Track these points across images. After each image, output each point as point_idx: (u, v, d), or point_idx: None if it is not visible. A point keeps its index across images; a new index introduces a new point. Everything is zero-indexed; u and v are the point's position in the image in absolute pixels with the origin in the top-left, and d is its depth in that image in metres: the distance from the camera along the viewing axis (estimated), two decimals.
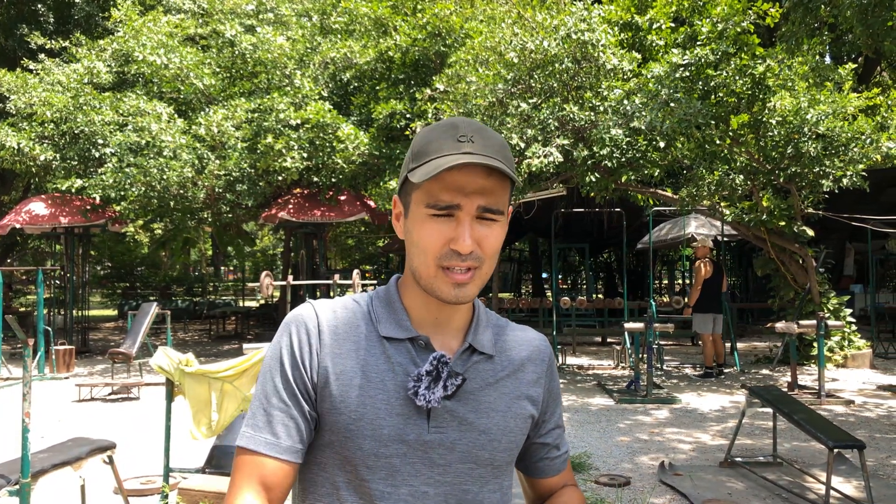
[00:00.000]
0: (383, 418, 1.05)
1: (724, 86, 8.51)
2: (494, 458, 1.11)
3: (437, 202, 1.04)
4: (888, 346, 12.55)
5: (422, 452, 1.06)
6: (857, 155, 8.82)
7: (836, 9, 7.72)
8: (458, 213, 1.04)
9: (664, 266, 27.72)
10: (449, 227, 1.05)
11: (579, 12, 8.87)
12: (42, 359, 10.54)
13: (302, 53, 12.45)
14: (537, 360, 1.20)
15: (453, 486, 1.07)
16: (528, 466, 1.25)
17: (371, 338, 1.10)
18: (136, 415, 7.74)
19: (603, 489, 4.80)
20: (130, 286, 24.90)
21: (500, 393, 1.13)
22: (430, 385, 1.06)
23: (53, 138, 12.00)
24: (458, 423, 1.08)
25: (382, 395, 1.06)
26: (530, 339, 1.22)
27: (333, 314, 1.12)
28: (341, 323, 1.11)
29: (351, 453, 1.06)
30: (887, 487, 4.82)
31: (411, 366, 1.08)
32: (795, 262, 10.48)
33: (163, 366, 4.09)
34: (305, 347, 1.09)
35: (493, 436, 1.10)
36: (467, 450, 1.08)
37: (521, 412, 1.15)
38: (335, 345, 1.09)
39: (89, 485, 4.26)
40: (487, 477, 1.10)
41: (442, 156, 1.03)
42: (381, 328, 1.11)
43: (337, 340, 1.09)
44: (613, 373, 10.42)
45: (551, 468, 1.25)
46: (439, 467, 1.07)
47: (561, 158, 8.53)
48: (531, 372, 1.19)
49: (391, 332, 1.10)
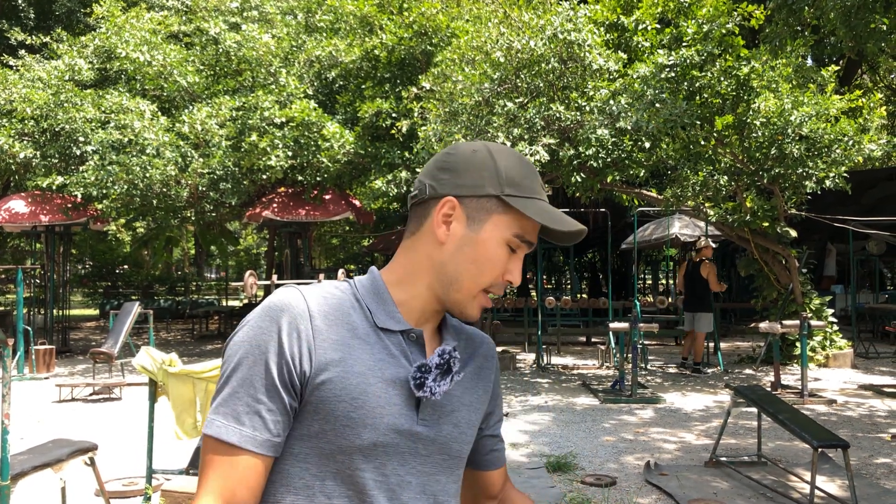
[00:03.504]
0: (383, 407, 1.05)
1: (709, 87, 8.56)
2: (462, 451, 1.16)
3: (523, 238, 1.12)
4: (869, 345, 12.69)
5: (411, 443, 1.08)
6: (839, 157, 8.90)
7: (820, 10, 7.78)
8: (519, 251, 1.14)
9: (648, 266, 27.86)
10: (508, 259, 1.13)
11: (565, 12, 8.88)
12: (21, 359, 10.39)
13: (287, 51, 12.39)
14: (488, 355, 1.26)
15: (429, 476, 1.11)
16: (480, 460, 1.29)
17: (365, 327, 1.09)
18: (118, 415, 7.65)
19: (589, 489, 4.80)
20: (112, 285, 24.68)
21: (465, 388, 1.18)
22: (438, 378, 1.08)
23: (34, 135, 11.85)
24: (439, 416, 1.11)
25: (381, 384, 1.06)
26: (480, 335, 1.28)
27: (323, 300, 1.09)
28: (332, 310, 1.08)
29: (348, 442, 1.04)
30: (870, 486, 4.86)
31: (403, 358, 1.09)
32: (778, 263, 10.56)
33: (146, 366, 4.04)
34: (294, 334, 1.04)
35: (463, 429, 1.15)
36: (445, 442, 1.12)
37: (480, 406, 1.21)
38: (329, 332, 1.06)
39: (70, 487, 4.20)
40: (453, 468, 1.15)
41: (540, 199, 1.13)
42: (376, 318, 1.10)
43: (330, 327, 1.06)
44: (598, 372, 10.44)
45: (499, 459, 1.31)
46: (422, 458, 1.10)
47: (547, 157, 8.54)
48: (485, 367, 1.24)
49: (386, 324, 1.10)
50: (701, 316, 10.27)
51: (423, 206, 1.13)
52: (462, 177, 1.11)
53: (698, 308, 10.32)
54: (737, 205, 10.21)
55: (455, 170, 1.12)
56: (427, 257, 1.12)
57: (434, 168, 1.14)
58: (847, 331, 12.70)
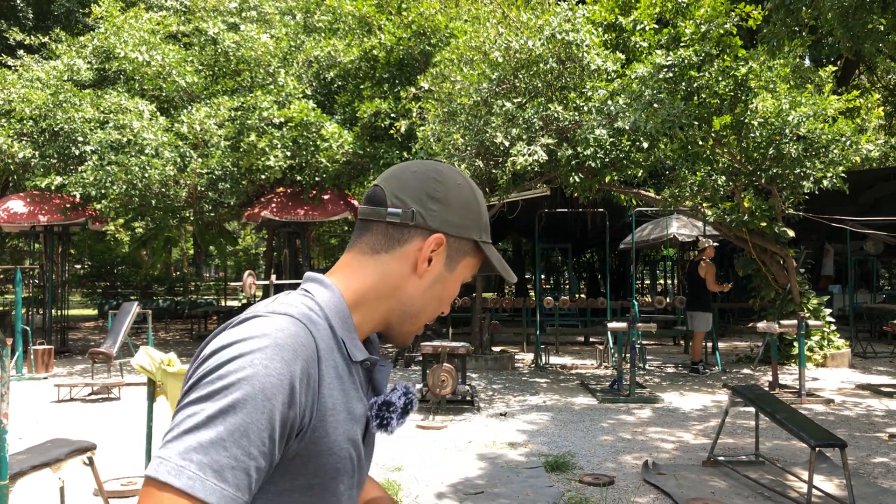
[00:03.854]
0: (358, 449, 1.00)
1: (707, 87, 8.57)
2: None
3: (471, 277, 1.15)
4: (866, 345, 12.71)
5: (359, 478, 1.04)
6: (836, 157, 8.92)
7: (818, 11, 7.80)
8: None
9: (646, 266, 27.87)
10: None
11: (563, 13, 8.89)
12: (20, 359, 10.39)
13: (285, 52, 12.39)
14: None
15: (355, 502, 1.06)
16: None
17: (342, 362, 0.99)
18: (116, 415, 7.65)
19: (587, 488, 4.81)
20: (111, 285, 24.66)
21: None
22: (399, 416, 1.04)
23: (32, 135, 11.85)
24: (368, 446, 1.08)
25: (357, 427, 0.99)
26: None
27: (317, 332, 0.96)
28: (325, 346, 0.97)
29: (331, 494, 0.97)
30: (868, 486, 4.88)
31: (362, 390, 1.03)
32: (776, 263, 10.58)
33: (144, 366, 4.05)
34: (305, 382, 0.91)
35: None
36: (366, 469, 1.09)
37: None
38: (327, 373, 0.95)
39: (69, 487, 4.21)
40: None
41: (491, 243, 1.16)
42: (351, 352, 1.00)
43: (327, 369, 0.95)
44: (596, 372, 10.46)
45: None
46: (359, 487, 1.06)
47: (545, 157, 8.55)
48: None
49: (356, 356, 1.01)
50: (697, 315, 10.33)
51: (401, 229, 1.06)
52: (451, 213, 1.07)
53: (695, 307, 10.39)
54: (734, 205, 10.22)
55: (446, 203, 1.07)
56: (395, 287, 1.06)
57: (423, 195, 1.06)
58: (845, 331, 12.72)
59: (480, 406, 7.81)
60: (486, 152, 8.94)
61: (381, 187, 1.08)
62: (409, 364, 10.89)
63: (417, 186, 1.07)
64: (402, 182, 1.08)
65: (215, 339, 0.92)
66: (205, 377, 0.87)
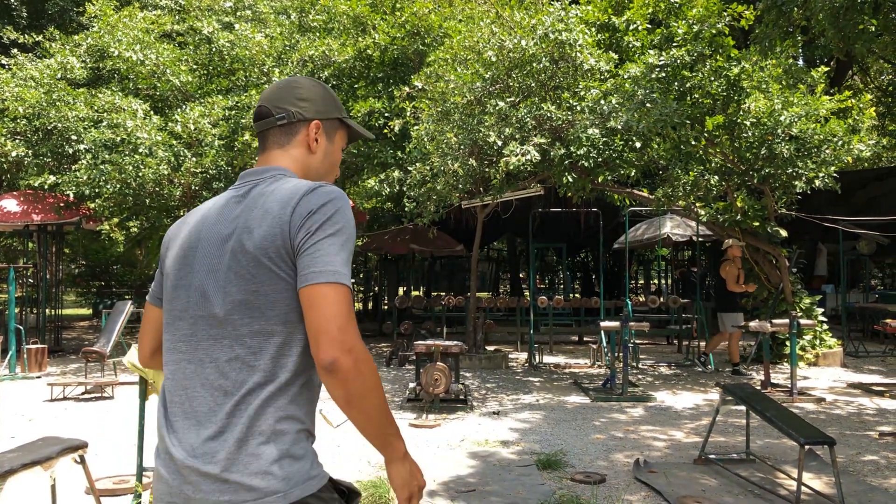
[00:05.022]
0: None
1: (700, 87, 8.60)
2: None
3: (347, 144, 1.73)
4: (858, 344, 12.76)
5: None
6: (829, 157, 8.96)
7: (809, 11, 7.84)
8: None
9: (640, 266, 27.94)
10: None
11: (557, 12, 8.91)
12: (13, 358, 10.38)
13: (280, 51, 12.38)
14: None
15: None
16: None
17: None
18: (109, 414, 7.65)
19: (578, 486, 4.84)
20: (105, 285, 24.58)
21: None
22: None
23: (26, 134, 11.81)
24: None
25: None
26: None
27: None
28: None
29: None
30: (857, 483, 4.91)
31: None
32: (769, 262, 10.62)
33: (136, 363, 4.05)
34: None
35: None
36: None
37: None
38: None
39: (60, 485, 4.21)
40: None
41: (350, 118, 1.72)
42: None
43: None
44: (589, 371, 10.49)
45: None
46: None
47: (538, 157, 8.57)
48: None
49: None
50: (726, 316, 10.22)
51: (289, 126, 1.58)
52: (317, 104, 1.60)
53: (724, 308, 10.29)
54: (727, 204, 10.26)
55: (310, 99, 1.60)
56: (306, 164, 1.60)
57: (293, 98, 1.58)
58: (837, 330, 12.77)
59: (473, 405, 7.83)
60: (479, 151, 8.96)
61: (265, 105, 1.59)
62: (404, 363, 10.90)
63: (287, 96, 1.59)
64: (276, 96, 1.59)
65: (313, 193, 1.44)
66: (329, 219, 1.42)
